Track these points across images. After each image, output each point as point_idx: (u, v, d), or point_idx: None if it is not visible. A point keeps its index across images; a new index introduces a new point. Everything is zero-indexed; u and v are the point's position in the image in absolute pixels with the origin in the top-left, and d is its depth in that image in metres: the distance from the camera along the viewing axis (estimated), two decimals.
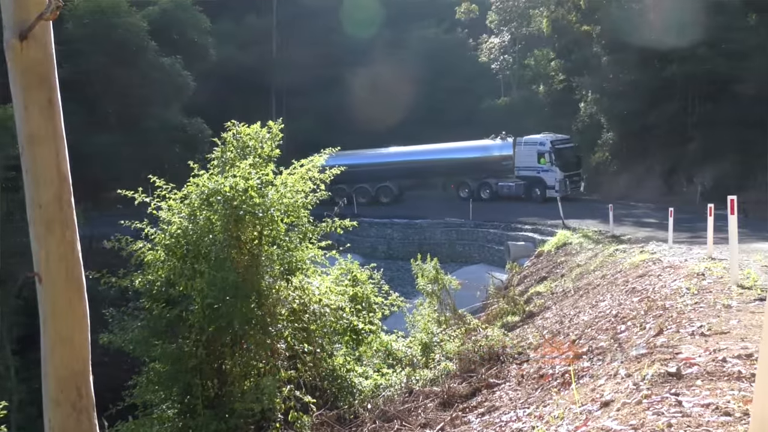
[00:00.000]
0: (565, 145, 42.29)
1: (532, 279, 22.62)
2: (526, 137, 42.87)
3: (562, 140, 42.51)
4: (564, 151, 41.74)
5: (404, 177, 47.34)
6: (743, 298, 8.85)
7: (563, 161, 41.37)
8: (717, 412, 4.55)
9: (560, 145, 41.79)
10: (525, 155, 41.98)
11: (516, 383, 9.82)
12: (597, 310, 12.19)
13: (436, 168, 46.02)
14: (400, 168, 46.43)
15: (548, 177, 41.27)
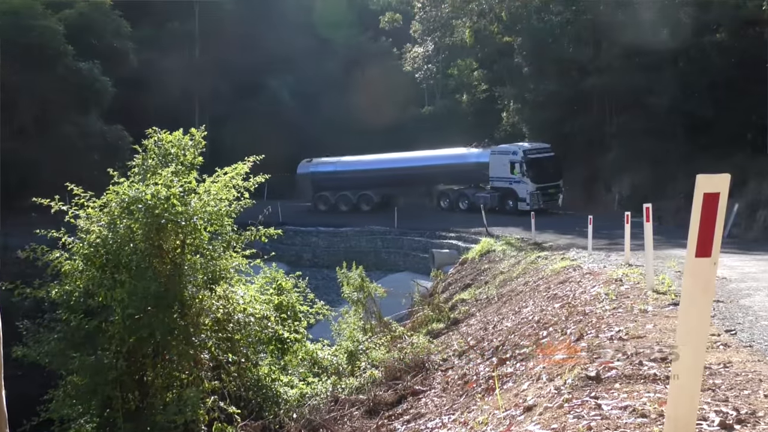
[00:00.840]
0: (541, 154, 38.43)
1: (457, 286, 22.83)
2: (501, 146, 40.53)
3: (538, 149, 38.70)
4: (539, 161, 37.95)
5: (384, 185, 44.62)
6: (659, 303, 9.14)
7: (537, 172, 37.59)
8: (634, 414, 4.68)
9: (534, 155, 38.08)
10: (498, 165, 38.80)
11: (441, 390, 9.90)
12: (520, 317, 12.39)
13: (414, 177, 43.35)
14: (380, 176, 43.99)
15: (520, 189, 37.98)
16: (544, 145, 39.09)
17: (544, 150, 38.68)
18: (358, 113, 57.35)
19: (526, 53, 45.16)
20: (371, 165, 45.01)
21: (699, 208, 3.28)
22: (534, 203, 36.61)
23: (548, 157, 38.46)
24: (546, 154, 38.50)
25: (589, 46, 40.58)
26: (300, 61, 59.49)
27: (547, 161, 38.16)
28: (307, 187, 46.49)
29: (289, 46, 58.94)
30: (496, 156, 39.11)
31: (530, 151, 38.05)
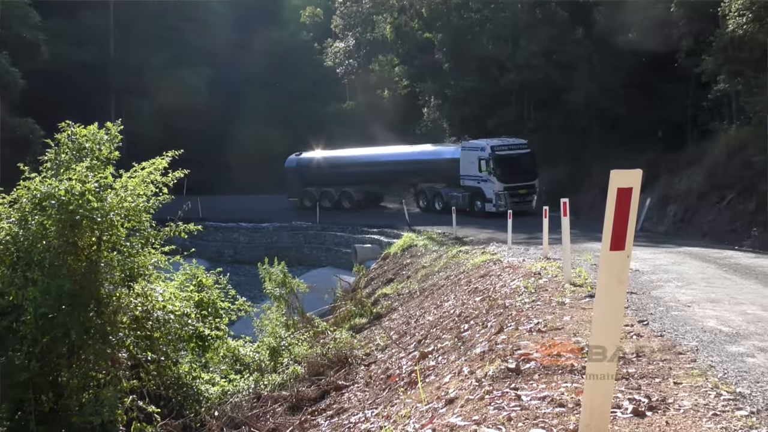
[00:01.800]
0: (512, 151, 34.46)
1: (379, 281, 22.92)
2: (471, 141, 36.76)
3: (509, 145, 34.72)
4: (508, 159, 34.04)
5: (365, 182, 41.94)
6: (575, 295, 9.38)
7: (505, 170, 33.66)
8: (552, 404, 4.80)
9: (504, 152, 34.19)
10: (468, 162, 34.98)
11: (364, 384, 9.94)
12: (442, 310, 12.53)
13: (392, 174, 40.42)
14: (359, 172, 41.11)
15: (487, 188, 34.14)
16: (518, 141, 35.22)
17: (517, 147, 34.77)
18: (280, 108, 56.95)
19: (446, 50, 45.56)
20: (351, 160, 42.54)
21: (613, 203, 3.38)
22: (501, 205, 33.10)
23: (520, 155, 34.51)
24: (518, 151, 34.59)
25: (508, 44, 41.21)
26: (219, 55, 58.63)
27: (518, 159, 34.34)
28: (295, 183, 44.46)
29: (208, 39, 58.00)
30: (466, 152, 35.56)
31: (498, 147, 34.28)
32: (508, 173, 33.70)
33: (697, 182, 25.67)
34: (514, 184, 33.65)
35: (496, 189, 33.68)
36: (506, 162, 33.77)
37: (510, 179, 33.66)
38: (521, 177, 34.03)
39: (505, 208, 30.96)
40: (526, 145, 34.86)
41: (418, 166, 38.61)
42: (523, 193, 33.99)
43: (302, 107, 57.69)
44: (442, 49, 46.11)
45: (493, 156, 33.72)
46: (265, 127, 53.93)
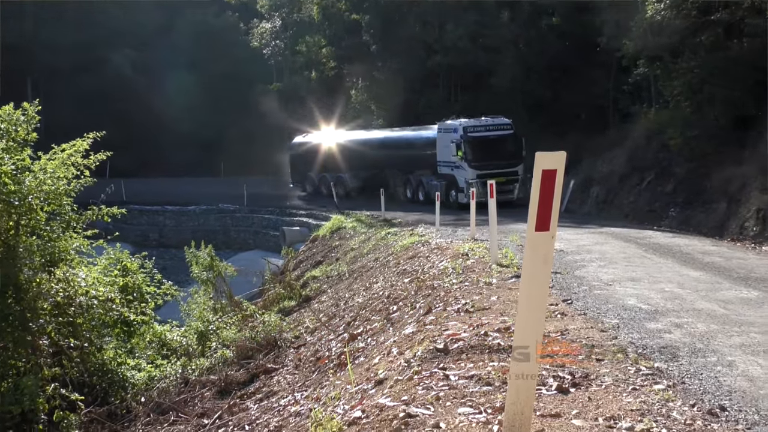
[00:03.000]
0: (489, 132, 29.33)
1: (308, 263, 22.85)
2: (447, 121, 31.06)
3: (486, 126, 29.53)
4: (484, 142, 28.89)
5: (357, 168, 36.76)
6: (502, 276, 9.53)
7: (480, 155, 28.60)
8: (480, 383, 4.88)
9: (478, 133, 29.09)
10: (444, 146, 29.96)
11: (294, 367, 9.93)
12: (371, 292, 12.58)
13: (379, 160, 35.15)
14: (353, 157, 36.74)
15: (459, 176, 29.09)
16: (499, 121, 29.71)
17: (496, 127, 29.42)
18: (207, 89, 56.02)
19: (373, 31, 45.45)
20: (342, 144, 38.36)
21: (538, 184, 3.44)
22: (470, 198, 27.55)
23: (500, 137, 29.12)
24: (497, 132, 29.25)
25: (435, 26, 41.36)
26: (144, 36, 57.27)
27: (496, 142, 28.97)
28: (297, 167, 41.45)
29: (132, 20, 56.55)
30: (442, 135, 30.42)
31: (472, 128, 29.12)
32: (482, 158, 28.55)
33: (619, 164, 26.32)
34: (489, 171, 27.40)
35: (467, 177, 28.29)
36: (481, 145, 28.72)
37: (484, 165, 28.25)
38: (499, 163, 28.54)
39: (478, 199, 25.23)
40: (508, 126, 29.43)
41: (402, 152, 33.97)
42: (501, 182, 26.59)
43: (230, 88, 56.85)
44: (370, 30, 45.98)
45: (465, 138, 28.70)
46: (193, 108, 53.00)
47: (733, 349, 5.83)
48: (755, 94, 19.79)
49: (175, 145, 51.66)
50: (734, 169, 19.39)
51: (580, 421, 4.11)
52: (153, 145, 51.03)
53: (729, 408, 4.41)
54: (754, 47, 19.88)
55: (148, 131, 50.13)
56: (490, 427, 4.07)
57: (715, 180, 20.26)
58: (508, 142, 29.06)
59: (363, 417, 4.76)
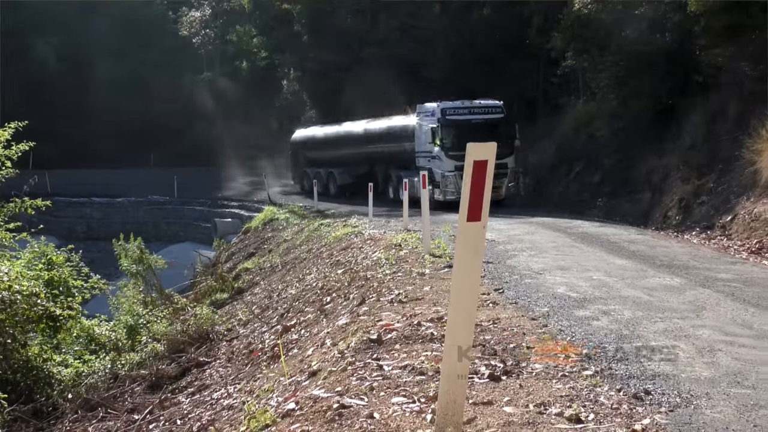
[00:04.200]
0: (472, 116, 24.52)
1: (240, 255, 22.66)
2: (426, 104, 25.95)
3: (470, 108, 24.73)
4: (465, 127, 23.79)
5: (345, 164, 32.16)
6: (435, 266, 9.62)
7: (458, 142, 23.16)
8: (413, 373, 4.92)
9: (458, 116, 24.31)
10: (422, 133, 25.10)
11: (226, 360, 9.84)
12: (304, 284, 12.54)
13: (362, 155, 30.43)
14: (336, 152, 32.93)
15: (436, 168, 24.18)
16: (486, 104, 25.04)
17: (482, 110, 24.77)
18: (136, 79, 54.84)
19: (305, 22, 45.15)
20: (328, 137, 34.48)
21: (469, 175, 3.47)
22: (450, 191, 23.43)
23: (485, 122, 24.27)
24: (483, 116, 24.56)
25: (367, 17, 41.32)
26: (70, 23, 55.66)
27: (480, 127, 23.78)
28: (296, 162, 37.21)
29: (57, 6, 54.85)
30: (420, 119, 25.57)
31: (452, 111, 24.39)
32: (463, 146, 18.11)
33: (548, 155, 26.79)
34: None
35: (443, 169, 23.75)
36: (461, 131, 23.40)
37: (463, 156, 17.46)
38: None
39: (457, 195, 18.97)
40: (498, 109, 24.67)
41: (382, 144, 29.02)
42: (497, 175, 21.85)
43: (159, 78, 55.77)
44: (301, 21, 45.67)
45: (443, 122, 23.93)
46: (121, 98, 51.85)
47: (657, 335, 6.01)
48: (677, 87, 20.40)
49: (102, 136, 50.42)
50: (657, 160, 19.94)
51: (512, 408, 4.18)
52: (79, 135, 49.71)
53: (653, 392, 4.55)
54: (675, 42, 20.49)
55: (73, 121, 48.78)
56: (423, 416, 4.11)
57: (640, 170, 20.80)
58: (496, 127, 23.65)
59: (297, 409, 4.75)
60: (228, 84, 55.33)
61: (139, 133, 49.25)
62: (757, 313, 6.96)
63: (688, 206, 17.55)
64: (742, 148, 15.77)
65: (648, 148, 20.70)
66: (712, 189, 17.05)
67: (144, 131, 52.12)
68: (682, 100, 19.99)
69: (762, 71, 17.22)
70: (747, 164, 15.57)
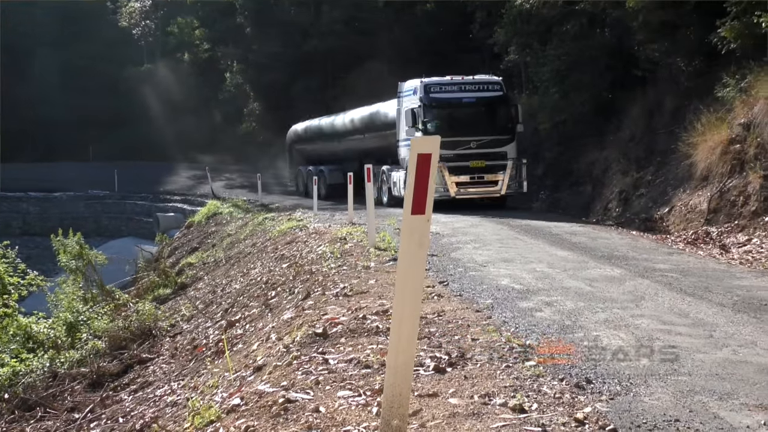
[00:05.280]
0: (463, 93, 19.93)
1: (183, 250, 22.39)
2: (408, 81, 21.07)
3: (460, 85, 19.95)
4: (453, 107, 19.76)
5: (334, 161, 27.32)
6: (380, 259, 9.63)
7: (448, 125, 19.07)
8: (359, 366, 4.93)
9: (446, 94, 19.80)
10: (403, 118, 20.11)
11: (170, 356, 9.72)
12: (249, 278, 12.45)
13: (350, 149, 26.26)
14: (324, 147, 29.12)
15: None
16: (480, 79, 20.47)
17: (475, 87, 20.09)
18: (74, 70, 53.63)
19: (248, 13, 44.75)
20: (316, 131, 30.30)
21: (414, 168, 3.48)
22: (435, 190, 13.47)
23: (480, 102, 19.87)
24: (476, 94, 19.96)
25: (311, 9, 41.13)
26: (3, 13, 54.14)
27: (474, 108, 20.02)
28: (292, 160, 33.43)
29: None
30: (402, 101, 20.91)
31: (437, 88, 19.78)
32: (450, 131, 18.41)
33: None
34: (456, 152, 18.86)
35: None
36: (448, 112, 19.69)
37: (453, 143, 18.66)
38: (478, 139, 19.30)
39: (442, 193, 18.45)
40: (495, 86, 20.05)
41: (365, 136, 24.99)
42: (479, 167, 19.21)
43: (97, 70, 54.66)
44: (244, 12, 45.24)
45: (426, 102, 19.34)
46: (58, 90, 50.68)
47: (598, 325, 6.12)
48: (616, 81, 20.82)
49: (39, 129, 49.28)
50: (598, 152, 20.32)
51: (457, 399, 4.22)
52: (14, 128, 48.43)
53: (594, 380, 4.64)
54: (614, 37, 20.89)
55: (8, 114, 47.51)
56: (369, 409, 4.12)
57: (582, 163, 21.17)
58: (493, 108, 19.84)
59: (242, 404, 4.72)
60: (169, 76, 54.46)
61: (76, 126, 48.16)
62: (692, 302, 7.15)
63: (628, 198, 17.94)
64: (678, 142, 16.16)
65: (589, 141, 21.06)
66: (651, 181, 17.45)
67: (82, 124, 51.08)
68: (622, 94, 20.40)
69: (696, 67, 17.69)
70: (683, 157, 15.96)
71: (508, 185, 19.30)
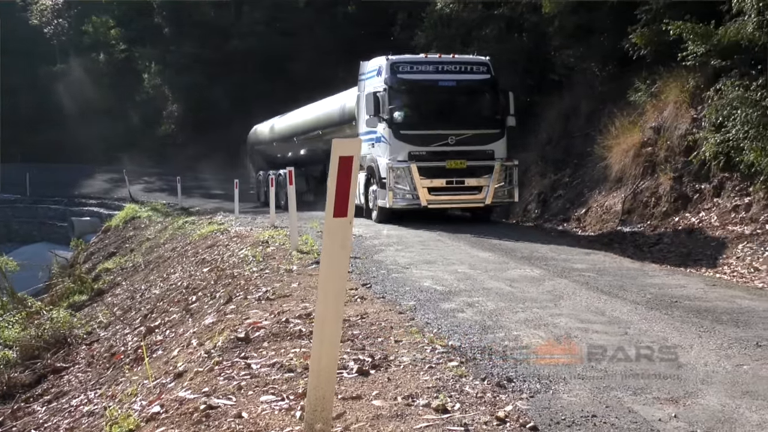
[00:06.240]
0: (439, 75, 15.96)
1: (100, 255, 21.85)
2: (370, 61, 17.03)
3: (436, 65, 16.05)
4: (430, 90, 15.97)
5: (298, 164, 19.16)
6: (302, 263, 9.58)
7: (421, 114, 15.97)
8: (282, 370, 4.88)
9: (418, 75, 15.91)
10: (365, 106, 15.83)
11: (86, 365, 9.47)
12: (168, 283, 12.23)
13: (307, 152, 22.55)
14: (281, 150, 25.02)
15: (381, 156, 15.73)
16: (462, 59, 16.49)
17: (454, 67, 16.08)
18: None
19: (165, 13, 43.99)
20: (274, 131, 26.18)
21: (335, 171, 3.48)
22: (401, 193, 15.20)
23: (461, 86, 16.06)
24: (457, 76, 16.01)
25: (231, 10, 40.71)
26: None
27: (454, 94, 16.08)
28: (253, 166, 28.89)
29: None
30: (363, 85, 16.80)
31: (407, 67, 15.97)
32: (423, 122, 15.69)
33: None
34: (435, 148, 15.27)
35: (392, 156, 15.26)
36: (420, 97, 15.94)
37: (426, 137, 15.38)
38: (459, 133, 15.39)
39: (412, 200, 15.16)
40: (481, 68, 16.04)
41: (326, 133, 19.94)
42: (458, 169, 15.28)
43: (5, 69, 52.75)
44: (162, 12, 44.45)
45: (392, 84, 15.46)
46: None
47: (518, 324, 6.23)
48: (535, 85, 21.28)
49: None
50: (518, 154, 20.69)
51: (380, 401, 4.23)
52: None
53: (515, 379, 4.72)
54: (532, 42, 21.34)
55: None
56: (292, 413, 4.09)
57: None
58: (478, 95, 16.29)
59: (162, 412, 4.63)
60: (84, 77, 52.99)
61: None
62: (608, 300, 7.36)
63: (546, 200, 18.35)
64: (594, 145, 16.62)
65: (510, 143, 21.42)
66: (568, 183, 17.90)
67: None
68: (540, 98, 20.86)
69: (610, 71, 18.24)
70: (598, 159, 16.44)
71: (494, 193, 15.32)
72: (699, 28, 12.75)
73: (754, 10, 11.56)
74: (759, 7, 11.43)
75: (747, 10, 11.78)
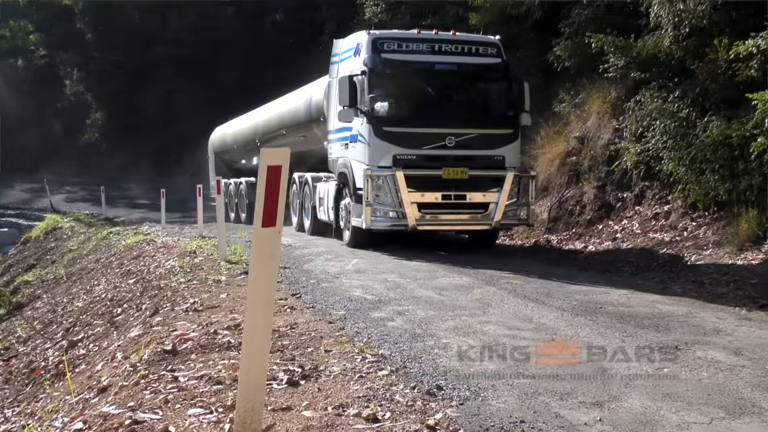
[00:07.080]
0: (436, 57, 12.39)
1: (19, 267, 21.20)
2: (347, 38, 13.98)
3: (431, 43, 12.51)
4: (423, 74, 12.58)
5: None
6: (231, 273, 9.48)
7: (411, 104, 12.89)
8: (210, 382, 4.81)
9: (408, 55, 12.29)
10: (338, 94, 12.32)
11: (3, 381, 9.15)
12: (92, 295, 11.94)
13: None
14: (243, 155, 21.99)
15: (357, 160, 12.33)
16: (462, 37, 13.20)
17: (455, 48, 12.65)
18: None
19: (88, 19, 43.01)
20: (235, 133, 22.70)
21: (264, 181, 3.45)
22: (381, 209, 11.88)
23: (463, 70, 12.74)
24: (456, 58, 12.58)
25: (158, 17, 40.06)
26: None
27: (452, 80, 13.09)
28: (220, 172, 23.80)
29: None
30: (337, 69, 13.80)
31: (394, 44, 12.41)
32: (411, 118, 12.54)
33: None
34: (423, 152, 12.14)
35: (372, 161, 12.01)
36: (408, 85, 13.06)
37: (412, 138, 12.20)
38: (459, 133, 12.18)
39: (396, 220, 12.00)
40: (490, 49, 12.78)
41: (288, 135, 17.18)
42: (458, 179, 12.09)
43: None
44: (84, 18, 43.43)
45: (372, 65, 12.16)
46: None
47: (448, 332, 6.28)
48: None
49: None
50: None
51: (311, 412, 4.20)
52: None
53: (445, 387, 4.75)
54: None
55: None
56: (221, 426, 4.02)
57: None
58: (485, 84, 13.45)
59: (85, 428, 4.49)
60: (1, 83, 51.32)
61: None
62: (535, 307, 7.49)
63: None
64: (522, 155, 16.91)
65: None
66: None
67: None
68: None
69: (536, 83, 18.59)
70: None
71: (504, 212, 12.15)
72: (619, 41, 13.13)
73: (671, 24, 11.96)
74: (675, 22, 11.84)
75: (664, 24, 12.19)
